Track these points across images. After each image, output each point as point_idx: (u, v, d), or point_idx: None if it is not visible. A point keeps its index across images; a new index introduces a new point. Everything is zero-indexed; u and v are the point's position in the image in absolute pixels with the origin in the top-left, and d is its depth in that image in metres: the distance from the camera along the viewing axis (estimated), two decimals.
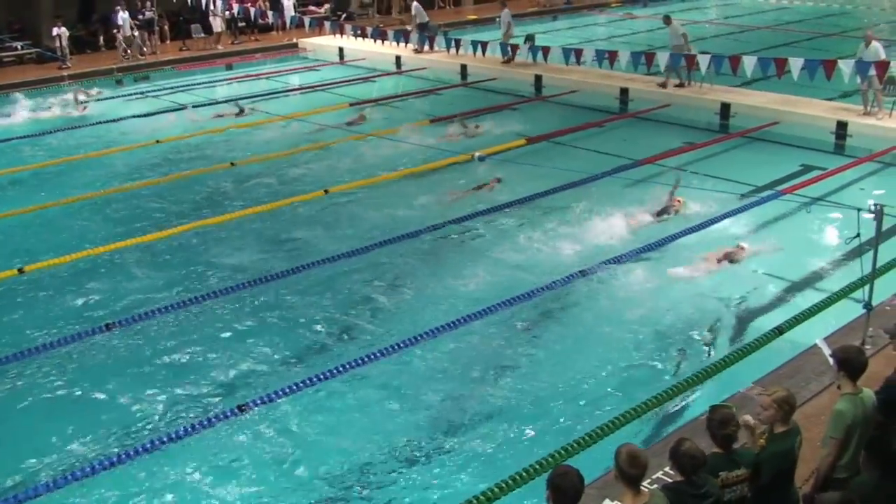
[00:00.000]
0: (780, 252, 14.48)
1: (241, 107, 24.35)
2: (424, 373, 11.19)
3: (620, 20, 34.85)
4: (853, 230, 10.73)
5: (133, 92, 27.46)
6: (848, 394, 7.08)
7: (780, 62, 21.08)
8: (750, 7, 45.91)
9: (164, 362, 11.56)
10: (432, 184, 18.41)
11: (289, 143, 21.38)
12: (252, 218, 16.46)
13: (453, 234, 15.57)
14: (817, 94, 23.25)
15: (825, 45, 32.78)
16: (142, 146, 21.37)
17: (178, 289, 13.52)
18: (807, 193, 16.64)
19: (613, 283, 13.48)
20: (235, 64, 31.78)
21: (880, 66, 19.97)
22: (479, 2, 43.17)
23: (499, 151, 20.07)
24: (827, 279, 13.59)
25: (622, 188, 17.52)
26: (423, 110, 24.80)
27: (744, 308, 12.78)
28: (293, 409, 10.39)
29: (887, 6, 46.73)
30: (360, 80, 28.96)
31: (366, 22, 36.03)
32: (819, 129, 21.34)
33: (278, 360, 11.57)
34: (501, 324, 12.32)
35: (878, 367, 8.49)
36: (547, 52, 25.67)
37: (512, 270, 14.04)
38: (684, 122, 23.03)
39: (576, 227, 15.69)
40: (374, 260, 14.53)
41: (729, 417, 6.53)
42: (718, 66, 22.30)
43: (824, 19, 40.93)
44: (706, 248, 14.57)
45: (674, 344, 11.78)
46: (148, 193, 17.93)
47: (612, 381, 10.93)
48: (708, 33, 36.99)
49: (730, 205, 16.27)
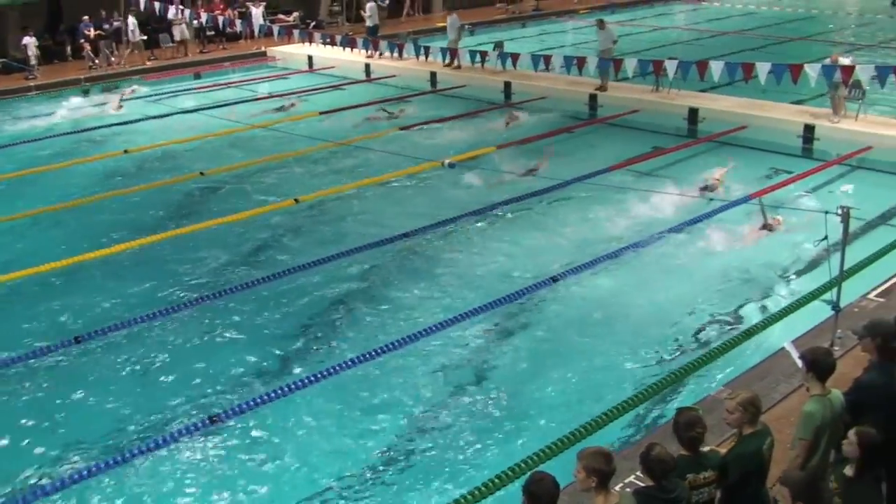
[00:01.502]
0: (750, 254, 14.57)
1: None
2: (398, 381, 11.16)
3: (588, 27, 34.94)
4: (821, 233, 10.82)
5: (103, 101, 27.26)
6: (816, 395, 7.11)
7: (748, 67, 21.24)
8: (716, 13, 46.27)
9: (134, 374, 11.47)
10: (401, 191, 18.41)
11: (259, 152, 21.29)
12: (222, 228, 16.38)
13: (426, 241, 15.55)
14: (784, 98, 23.45)
15: (791, 50, 33.08)
16: (109, 156, 21.23)
17: (148, 300, 13.41)
18: (775, 196, 16.76)
19: (581, 292, 13.53)
20: (204, 73, 31.63)
21: (846, 71, 20.16)
22: (450, 7, 43.24)
23: (469, 158, 20.08)
24: (795, 281, 13.68)
25: (593, 194, 17.58)
26: (392, 118, 24.75)
27: (713, 311, 12.84)
28: (265, 420, 10.32)
29: (852, 11, 47.26)
30: (329, 87, 28.88)
31: (335, 30, 35.99)
32: (786, 133, 21.51)
33: (250, 371, 11.50)
34: (471, 331, 12.31)
35: (846, 368, 8.54)
36: (516, 59, 25.76)
37: (481, 278, 14.05)
38: (653, 127, 23.13)
39: (548, 235, 15.75)
40: (346, 268, 14.48)
41: (695, 420, 6.55)
42: (686, 72, 22.43)
43: (790, 24, 41.29)
44: (674, 255, 14.66)
45: (645, 350, 11.82)
46: (116, 204, 17.80)
47: (582, 387, 10.95)
48: (675, 39, 37.22)
49: (699, 209, 16.35)
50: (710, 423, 6.91)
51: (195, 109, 25.62)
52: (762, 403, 6.97)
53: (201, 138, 22.71)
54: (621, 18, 42.14)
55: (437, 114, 24.92)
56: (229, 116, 24.07)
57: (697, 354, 11.40)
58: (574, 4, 46.39)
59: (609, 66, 24.34)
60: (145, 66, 31.43)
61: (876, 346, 7.59)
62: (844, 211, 10.26)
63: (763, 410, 7.01)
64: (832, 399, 7.12)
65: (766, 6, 47.83)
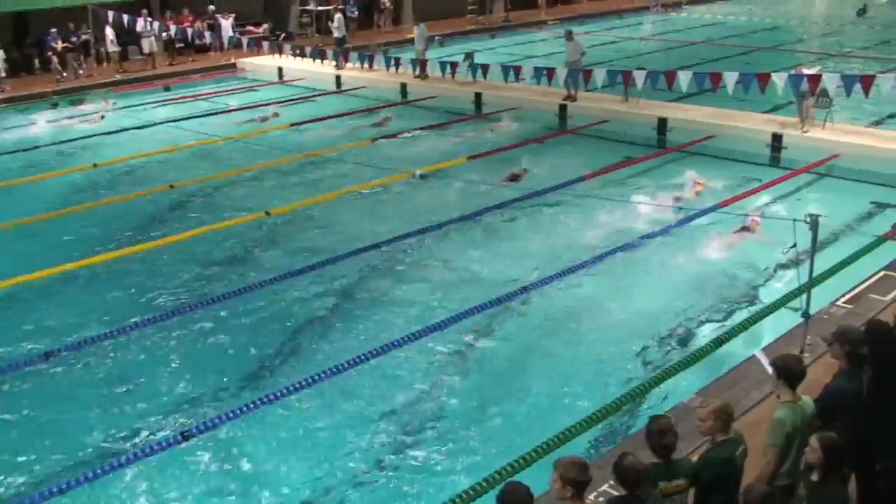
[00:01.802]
0: (720, 263, 14.67)
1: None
2: (370, 392, 11.13)
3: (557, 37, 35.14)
4: (790, 240, 10.90)
5: (73, 115, 27.07)
6: (787, 402, 7.16)
7: (715, 76, 21.39)
8: (685, 23, 46.64)
9: (104, 390, 11.36)
10: (374, 202, 18.41)
11: (229, 164, 21.21)
12: (193, 241, 16.29)
13: (399, 252, 15.54)
14: (752, 107, 23.65)
15: (759, 59, 33.38)
16: (79, 170, 21.09)
17: (118, 315, 13.29)
18: (743, 205, 16.89)
19: (554, 301, 13.57)
20: (174, 85, 31.50)
21: (813, 80, 20.35)
22: (419, 19, 43.30)
23: (440, 169, 20.11)
24: (765, 289, 13.78)
25: (565, 204, 17.67)
26: (363, 129, 24.75)
27: (684, 319, 12.90)
28: (238, 434, 10.26)
29: (818, 20, 47.76)
30: (300, 99, 28.83)
31: (305, 41, 35.94)
32: (755, 142, 21.70)
33: (222, 385, 11.42)
34: (444, 341, 12.31)
35: (816, 374, 8.61)
36: (486, 70, 25.83)
37: (453, 288, 14.06)
38: (623, 137, 23.27)
39: (521, 244, 15.81)
40: (319, 280, 14.45)
41: (667, 427, 6.58)
42: (654, 82, 22.57)
43: (757, 34, 41.68)
44: (645, 264, 14.74)
45: (617, 359, 11.86)
46: (85, 218, 17.66)
47: (555, 397, 10.97)
48: (644, 49, 37.48)
49: (670, 218, 16.44)
50: (681, 431, 6.94)
51: (165, 122, 25.48)
52: (734, 411, 7.01)
53: (171, 151, 22.59)
54: (590, 29, 42.37)
55: (408, 125, 24.94)
56: (200, 129, 23.95)
57: (669, 363, 11.45)
58: (543, 16, 46.61)
59: (578, 76, 24.47)
60: (115, 79, 31.25)
61: (845, 353, 7.66)
62: (813, 219, 10.35)
63: (735, 418, 7.06)
64: (803, 405, 7.18)
65: (733, 16, 48.29)
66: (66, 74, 30.56)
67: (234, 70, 34.15)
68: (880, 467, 7.65)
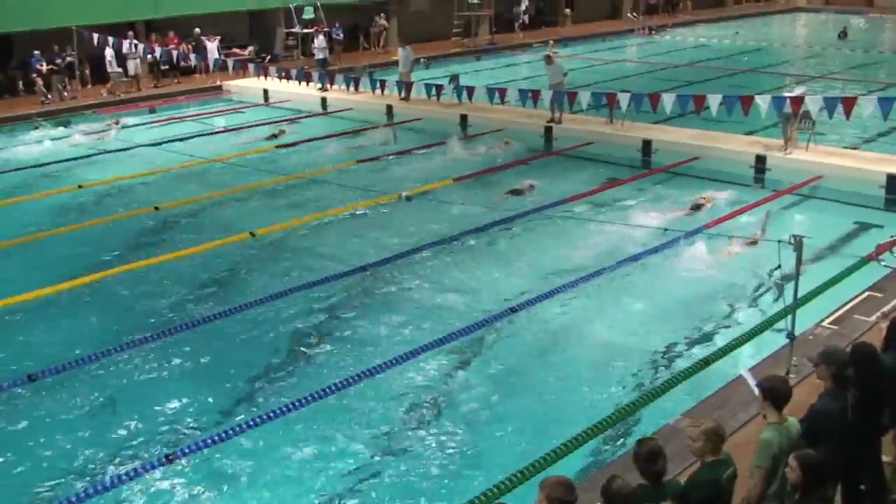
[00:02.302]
0: (704, 285, 14.71)
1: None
2: (355, 416, 11.09)
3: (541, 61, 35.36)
4: (774, 262, 10.94)
5: (56, 136, 27.00)
6: (773, 423, 7.18)
7: (699, 98, 21.50)
8: (669, 45, 46.93)
9: (88, 413, 11.30)
10: (359, 224, 18.41)
11: (214, 186, 21.18)
12: (177, 262, 16.24)
13: (385, 274, 15.51)
14: (736, 129, 23.78)
15: (742, 81, 33.61)
16: (64, 191, 21.02)
17: (102, 337, 13.21)
18: (728, 227, 16.95)
19: (540, 322, 13.58)
20: (159, 107, 31.48)
21: (796, 102, 20.49)
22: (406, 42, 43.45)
23: (427, 191, 20.13)
24: (751, 310, 13.82)
25: (551, 225, 17.70)
26: (348, 151, 24.77)
27: (670, 340, 12.92)
28: (223, 458, 10.20)
29: (801, 43, 48.14)
30: (285, 121, 28.83)
31: (291, 64, 36.00)
32: (738, 164, 21.81)
33: (206, 408, 11.36)
34: (430, 364, 12.28)
35: (802, 395, 8.63)
36: (472, 92, 25.89)
37: (439, 310, 14.06)
38: (608, 158, 23.37)
39: (507, 266, 15.83)
40: (304, 302, 14.41)
41: (656, 451, 6.57)
42: (638, 104, 22.67)
43: (740, 56, 41.99)
44: (631, 286, 14.77)
45: (603, 380, 11.86)
46: (70, 239, 17.59)
47: (541, 418, 10.96)
48: (628, 72, 37.68)
49: (654, 240, 16.49)
50: (668, 452, 6.93)
51: (150, 144, 25.45)
52: (725, 432, 7.01)
53: (156, 172, 22.57)
54: (575, 52, 42.62)
55: (394, 147, 24.98)
56: (185, 150, 23.91)
57: (655, 384, 11.44)
58: (527, 38, 46.82)
59: (563, 98, 24.58)
60: (104, 100, 31.25)
61: (830, 374, 7.70)
62: (797, 240, 10.39)
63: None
64: (789, 426, 7.20)
65: (717, 39, 48.64)
66: (50, 97, 30.51)
67: (220, 92, 34.16)
68: (865, 488, 7.68)
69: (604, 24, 53.79)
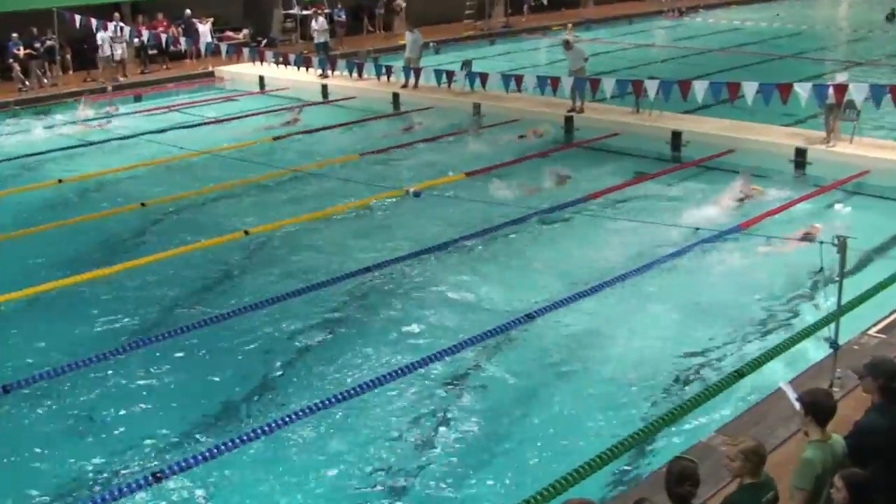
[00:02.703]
0: (740, 290, 14.65)
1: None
2: (359, 430, 11.06)
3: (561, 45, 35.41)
4: (816, 265, 10.88)
5: (34, 126, 27.08)
6: (816, 441, 7.12)
7: (733, 87, 21.41)
8: (700, 29, 46.85)
9: (68, 427, 11.29)
10: (362, 222, 18.40)
11: (205, 180, 21.21)
12: (165, 263, 16.23)
13: (390, 276, 15.49)
14: (774, 119, 23.69)
15: (781, 68, 33.51)
16: (43, 186, 21.06)
17: (84, 344, 13.20)
18: (766, 226, 16.88)
19: (560, 329, 13.54)
20: (146, 95, 31.54)
21: (839, 91, 20.38)
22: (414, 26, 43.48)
23: (436, 185, 20.11)
24: (790, 317, 13.75)
25: (571, 224, 17.66)
26: (350, 143, 24.78)
27: (702, 349, 12.86)
28: (215, 476, 10.18)
29: (844, 26, 47.97)
30: (283, 110, 28.86)
31: (288, 48, 36.03)
32: (777, 157, 21.73)
33: (197, 422, 11.34)
34: (440, 374, 12.26)
35: (847, 410, 8.57)
36: (485, 79, 25.84)
37: (450, 315, 14.03)
38: (633, 151, 23.32)
39: (522, 268, 15.79)
40: (303, 306, 14.39)
41: (687, 473, 6.51)
42: (668, 93, 22.60)
43: (778, 40, 41.86)
44: (659, 289, 14.72)
45: (630, 391, 11.81)
46: (49, 238, 17.59)
47: (562, 433, 10.93)
48: (656, 57, 37.61)
49: (685, 240, 16.43)
50: (701, 472, 6.88)
51: (136, 134, 25.47)
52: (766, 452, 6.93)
53: (143, 166, 22.63)
54: (598, 35, 42.57)
55: (400, 138, 24.98)
56: (174, 142, 23.91)
57: (686, 397, 11.38)
58: (546, 20, 46.79)
59: (584, 86, 24.52)
60: (81, 88, 31.31)
61: (878, 387, 7.64)
62: (841, 241, 10.31)
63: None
64: (833, 444, 7.13)
65: (752, 21, 48.51)
66: (28, 83, 30.58)
67: (212, 79, 34.25)
68: None
69: (629, 5, 53.72)
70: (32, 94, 30.27)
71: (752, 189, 18.87)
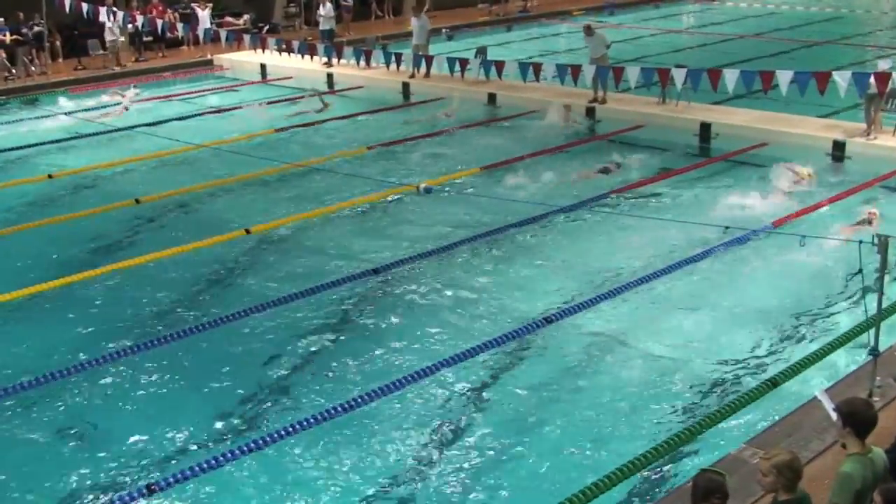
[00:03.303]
0: (773, 292, 14.62)
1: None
2: (367, 439, 11.08)
3: None
4: (855, 266, 10.84)
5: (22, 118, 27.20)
6: (855, 454, 7.09)
7: (767, 76, 21.38)
8: (731, 13, 46.79)
9: (61, 434, 11.33)
10: (370, 220, 18.42)
11: (204, 176, 21.26)
12: (161, 264, 16.26)
13: (400, 277, 15.51)
14: (810, 111, 23.63)
15: (817, 55, 33.43)
16: (31, 181, 21.13)
17: (74, 349, 13.24)
18: (801, 224, 16.84)
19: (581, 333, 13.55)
20: (140, 84, 31.62)
21: (881, 79, 20.29)
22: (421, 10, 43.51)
23: (449, 181, 20.12)
24: (826, 322, 13.71)
25: (592, 222, 17.66)
26: (358, 136, 24.81)
27: (732, 356, 12.84)
28: (212, 489, 10.20)
29: (888, 9, 47.77)
30: (285, 101, 28.91)
31: (292, 35, 36.10)
32: (813, 151, 21.66)
33: (193, 431, 11.36)
34: (454, 380, 12.26)
35: (887, 421, 8.57)
36: (501, 67, 25.86)
37: (464, 319, 14.04)
38: (660, 144, 23.28)
39: (540, 268, 15.80)
40: (308, 309, 14.42)
41: (713, 487, 6.50)
42: (696, 82, 22.56)
43: (815, 26, 41.74)
44: (686, 291, 14.71)
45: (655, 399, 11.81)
46: (37, 237, 17.67)
47: (583, 444, 10.92)
48: (684, 44, 37.57)
49: (713, 239, 16.40)
50: (731, 485, 6.87)
51: (131, 126, 25.53)
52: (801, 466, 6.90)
53: (137, 160, 22.69)
54: (622, 20, 42.56)
55: (411, 130, 25.00)
56: (171, 134, 23.96)
57: (715, 406, 11.38)
58: (566, 5, 46.78)
59: (607, 75, 24.51)
60: (71, 77, 31.39)
61: None
62: (882, 240, 10.26)
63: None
64: (873, 458, 7.11)
65: (787, 6, 48.43)
66: (15, 71, 30.68)
67: (211, 67, 34.35)
68: None
69: None
70: (19, 83, 30.36)
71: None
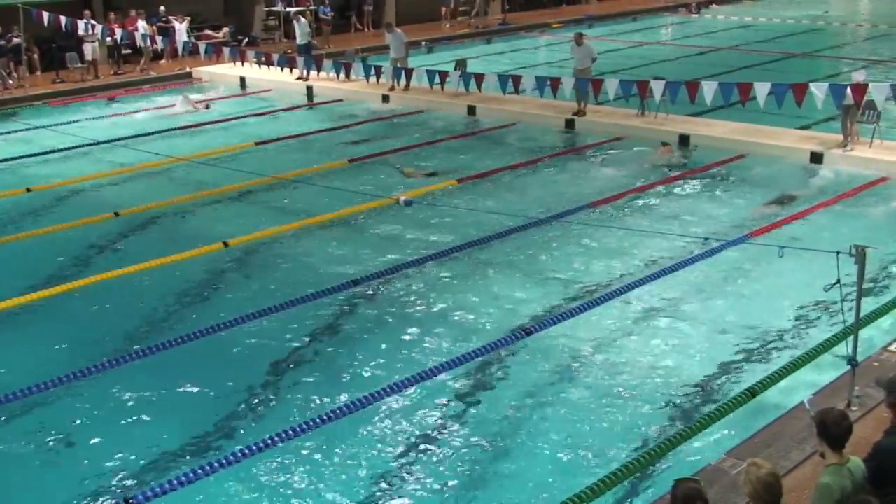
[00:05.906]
0: (751, 302, 14.66)
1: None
2: (347, 452, 11.05)
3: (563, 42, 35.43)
4: (832, 276, 10.87)
5: None
6: (833, 464, 7.11)
7: (745, 87, 21.48)
8: (708, 26, 46.97)
9: (35, 451, 11.27)
10: (349, 232, 18.40)
11: (182, 188, 21.21)
12: (139, 277, 16.20)
13: (379, 289, 15.50)
14: (788, 122, 23.74)
15: (795, 67, 33.58)
16: (8, 195, 21.02)
17: (51, 363, 13.12)
18: (778, 235, 16.89)
19: (559, 345, 13.55)
20: (119, 97, 31.56)
21: (858, 91, 20.40)
22: (402, 22, 43.49)
23: (427, 193, 20.13)
24: (805, 332, 13.75)
25: (571, 234, 17.68)
26: (338, 148, 24.80)
27: (711, 366, 12.86)
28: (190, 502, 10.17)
29: (864, 22, 48.02)
30: (265, 113, 28.88)
31: (271, 48, 36.07)
32: (791, 162, 21.77)
33: (172, 445, 11.30)
34: (434, 393, 12.25)
35: (866, 431, 8.59)
36: (481, 80, 25.90)
37: (443, 331, 14.03)
38: (638, 156, 23.32)
39: (519, 280, 15.81)
40: (286, 322, 14.37)
41: (693, 495, 6.50)
42: (675, 94, 22.63)
43: (792, 38, 41.95)
44: (664, 302, 14.74)
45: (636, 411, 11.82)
46: (14, 250, 17.57)
47: (564, 456, 10.92)
48: (662, 56, 37.68)
49: (692, 250, 16.45)
50: (712, 496, 6.88)
51: (109, 140, 25.45)
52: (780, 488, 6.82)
53: (116, 173, 22.62)
54: (600, 33, 42.67)
55: (390, 143, 25.01)
56: (149, 148, 23.88)
57: (695, 417, 11.39)
58: (546, 17, 46.91)
59: (588, 86, 24.57)
60: (50, 90, 31.29)
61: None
62: (859, 251, 10.30)
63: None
64: (851, 468, 7.13)
65: (764, 18, 48.62)
66: None
67: (190, 80, 34.29)
68: None
69: (634, 0, 53.82)
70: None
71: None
